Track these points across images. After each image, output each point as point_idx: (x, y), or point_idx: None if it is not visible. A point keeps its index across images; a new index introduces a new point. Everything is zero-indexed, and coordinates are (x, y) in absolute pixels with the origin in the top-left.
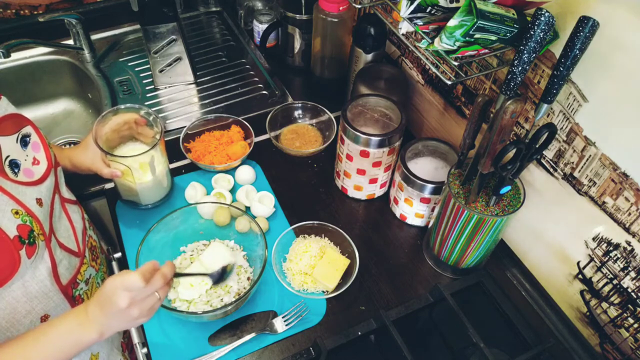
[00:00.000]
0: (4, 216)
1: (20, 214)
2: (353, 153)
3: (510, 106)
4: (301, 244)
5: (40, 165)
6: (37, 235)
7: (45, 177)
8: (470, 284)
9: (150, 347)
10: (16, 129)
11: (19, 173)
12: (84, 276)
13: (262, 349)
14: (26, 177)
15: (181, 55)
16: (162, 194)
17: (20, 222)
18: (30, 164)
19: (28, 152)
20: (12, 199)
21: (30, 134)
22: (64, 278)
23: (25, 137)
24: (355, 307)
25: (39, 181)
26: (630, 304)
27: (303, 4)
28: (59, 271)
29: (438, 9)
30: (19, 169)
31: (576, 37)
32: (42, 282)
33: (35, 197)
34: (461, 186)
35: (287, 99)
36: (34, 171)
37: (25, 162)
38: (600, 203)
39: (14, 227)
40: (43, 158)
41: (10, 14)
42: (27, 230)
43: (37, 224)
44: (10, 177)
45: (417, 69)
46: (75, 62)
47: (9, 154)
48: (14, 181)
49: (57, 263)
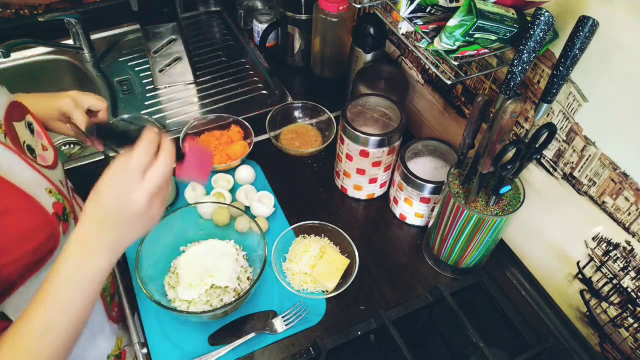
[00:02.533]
0: (41, 194)
1: (54, 192)
2: (353, 153)
3: (510, 106)
4: (301, 244)
5: (48, 152)
6: (69, 213)
7: (55, 162)
8: (470, 284)
9: (150, 347)
10: (22, 116)
11: (37, 158)
12: None
13: (262, 349)
14: (42, 162)
15: (181, 55)
16: (169, 201)
17: (55, 200)
18: (42, 150)
19: (36, 139)
20: (45, 178)
21: (32, 122)
22: None
23: (30, 124)
24: (355, 307)
25: (52, 166)
26: (630, 304)
27: (303, 4)
28: None
29: (438, 9)
30: (35, 154)
31: (576, 37)
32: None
33: (58, 179)
34: (461, 186)
35: (287, 99)
36: (46, 157)
37: (37, 148)
38: (600, 203)
39: (51, 204)
40: (48, 145)
41: (10, 14)
42: (61, 208)
43: (68, 203)
44: (34, 160)
45: (417, 69)
46: (75, 62)
47: (25, 139)
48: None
49: None
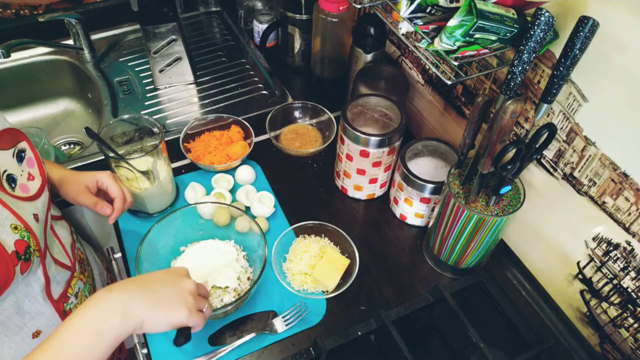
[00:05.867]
0: (3, 230)
1: (19, 229)
2: (353, 153)
3: (510, 106)
4: (301, 244)
5: (35, 181)
6: (33, 251)
7: (40, 193)
8: (470, 284)
9: (150, 347)
10: (12, 144)
11: (16, 188)
12: (74, 290)
13: (262, 349)
14: (22, 193)
15: (181, 55)
16: (168, 201)
17: (19, 237)
18: (26, 179)
19: (23, 168)
20: (12, 213)
21: (26, 149)
22: (56, 293)
23: (20, 152)
24: (355, 307)
25: (34, 197)
26: (630, 304)
27: (303, 4)
28: (52, 287)
29: (438, 9)
30: (15, 183)
31: (576, 37)
32: (35, 298)
33: (32, 213)
34: (461, 186)
35: (287, 99)
36: (29, 186)
37: (21, 177)
38: (600, 203)
39: (12, 242)
40: (37, 174)
41: (10, 14)
42: (24, 245)
43: (34, 239)
44: (9, 192)
45: (417, 69)
46: (75, 62)
47: (6, 169)
48: (13, 196)
49: (50, 279)
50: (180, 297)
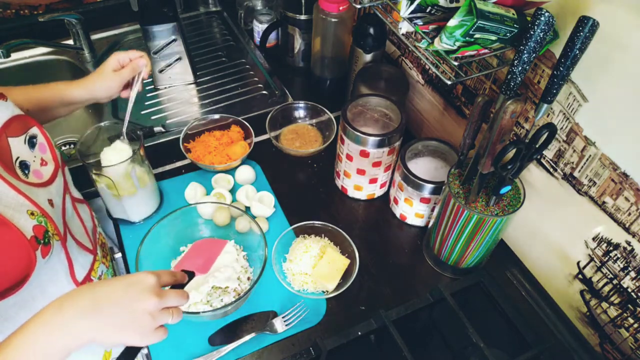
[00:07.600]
0: (20, 217)
1: (36, 214)
2: (353, 153)
3: (510, 106)
4: (301, 244)
5: (47, 166)
6: (52, 235)
7: (53, 178)
8: (470, 284)
9: (150, 347)
10: (24, 130)
11: (29, 174)
12: (97, 273)
13: (262, 349)
14: (36, 178)
15: (181, 55)
16: (152, 208)
17: (36, 222)
18: (39, 165)
19: (36, 153)
20: (27, 199)
21: (37, 134)
22: (80, 275)
23: (32, 138)
24: (355, 307)
25: (48, 182)
26: (630, 304)
27: (303, 4)
28: (75, 269)
29: (438, 9)
30: (28, 170)
31: (576, 37)
32: (60, 281)
33: (47, 198)
34: (461, 186)
35: (287, 99)
36: (43, 172)
37: (34, 163)
38: (600, 203)
39: (31, 227)
40: (50, 159)
41: (10, 14)
42: (42, 230)
43: (52, 224)
44: (22, 179)
45: (417, 69)
46: (75, 62)
47: (18, 155)
48: (26, 182)
49: (73, 262)
50: (133, 321)
